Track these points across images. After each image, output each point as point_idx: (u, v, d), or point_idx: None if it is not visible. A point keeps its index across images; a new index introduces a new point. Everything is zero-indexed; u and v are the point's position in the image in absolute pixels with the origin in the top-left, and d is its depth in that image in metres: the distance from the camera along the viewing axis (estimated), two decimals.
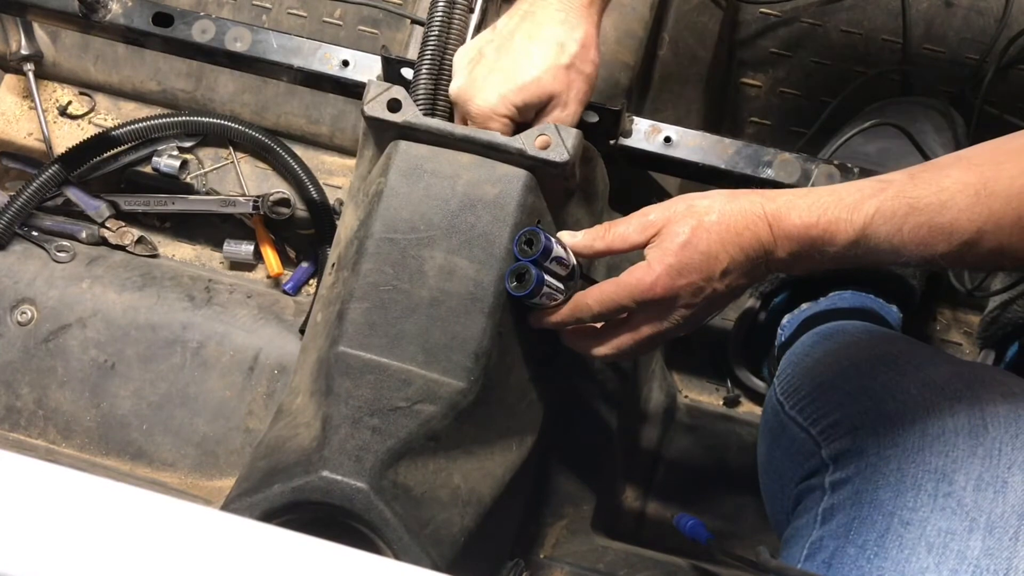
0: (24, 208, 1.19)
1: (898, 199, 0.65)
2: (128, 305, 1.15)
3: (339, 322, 0.74)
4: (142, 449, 1.11)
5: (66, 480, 0.29)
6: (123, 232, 1.24)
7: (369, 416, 0.70)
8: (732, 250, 0.69)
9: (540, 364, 0.84)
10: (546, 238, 0.73)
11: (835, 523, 0.68)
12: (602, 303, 0.73)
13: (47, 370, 1.13)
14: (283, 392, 1.11)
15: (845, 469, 0.70)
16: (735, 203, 0.70)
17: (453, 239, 0.75)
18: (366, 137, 0.83)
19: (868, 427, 0.70)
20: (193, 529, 0.28)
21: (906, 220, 0.64)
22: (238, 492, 0.69)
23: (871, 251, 0.66)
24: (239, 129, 1.25)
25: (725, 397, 1.20)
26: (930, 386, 0.69)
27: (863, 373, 0.76)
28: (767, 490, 0.85)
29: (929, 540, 0.62)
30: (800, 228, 0.67)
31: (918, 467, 0.65)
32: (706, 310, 0.73)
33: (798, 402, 0.79)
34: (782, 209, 0.69)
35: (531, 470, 0.83)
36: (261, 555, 0.27)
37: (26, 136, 1.33)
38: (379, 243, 0.75)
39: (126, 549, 0.27)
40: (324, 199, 1.24)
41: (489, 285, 0.74)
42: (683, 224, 0.70)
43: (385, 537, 0.66)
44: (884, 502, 0.65)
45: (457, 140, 0.78)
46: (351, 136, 1.27)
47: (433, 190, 0.76)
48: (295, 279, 1.25)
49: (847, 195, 0.67)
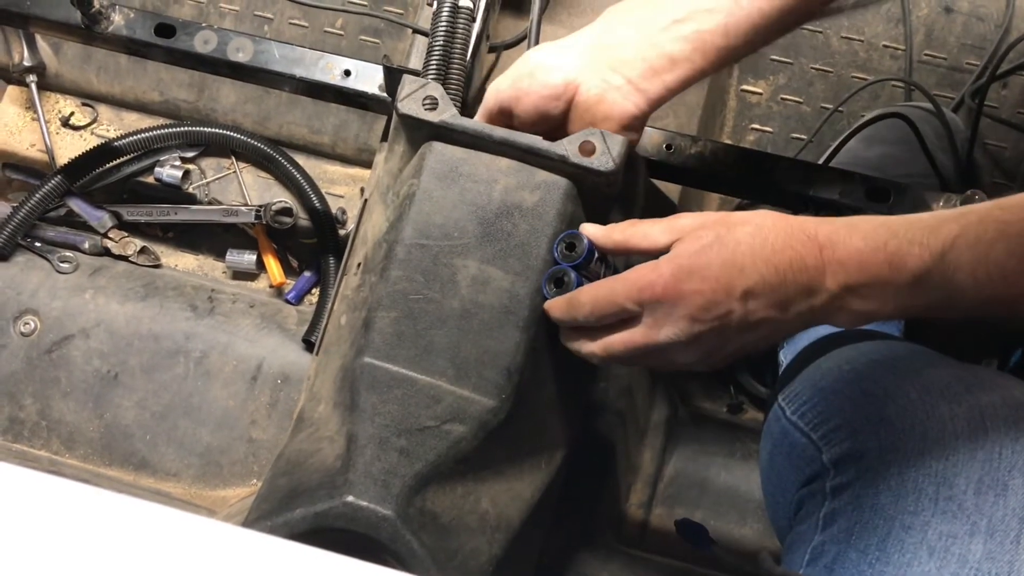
0: (27, 219, 1.20)
1: (984, 223, 0.57)
2: (131, 315, 1.15)
3: (365, 331, 0.71)
4: (146, 459, 1.11)
5: (78, 495, 0.29)
6: (126, 242, 1.24)
7: (396, 436, 0.67)
8: (763, 268, 0.60)
9: (573, 378, 0.80)
10: (588, 242, 0.70)
11: (836, 528, 0.67)
12: (596, 300, 0.66)
13: (50, 381, 1.13)
14: (286, 402, 1.11)
15: (846, 473, 0.68)
16: (782, 220, 0.61)
17: (488, 248, 0.71)
18: (397, 132, 0.80)
19: (868, 431, 0.68)
20: (222, 550, 0.28)
21: (993, 247, 0.56)
22: (258, 514, 0.67)
23: (948, 286, 0.57)
24: (241, 139, 1.25)
25: (729, 404, 1.20)
26: (930, 389, 0.68)
27: (863, 377, 0.74)
28: (769, 495, 0.84)
29: (930, 544, 0.61)
30: (862, 250, 0.58)
31: (918, 471, 0.64)
32: (715, 337, 0.62)
33: (799, 407, 0.77)
34: (840, 231, 0.59)
35: (558, 487, 0.81)
36: (288, 573, 0.27)
37: (29, 147, 1.33)
38: (410, 249, 0.71)
39: (142, 567, 0.27)
40: (327, 208, 1.24)
41: (524, 298, 0.70)
42: (711, 230, 0.62)
43: (411, 569, 0.63)
44: (885, 506, 0.64)
45: (495, 143, 0.74)
46: (353, 145, 1.28)
47: (468, 195, 0.72)
48: (297, 288, 1.25)
49: (923, 218, 0.58)
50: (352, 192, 1.28)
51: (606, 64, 0.74)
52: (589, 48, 0.75)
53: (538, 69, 0.75)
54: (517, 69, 0.77)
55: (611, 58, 0.74)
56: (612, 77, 0.74)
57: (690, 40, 0.73)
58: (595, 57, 0.75)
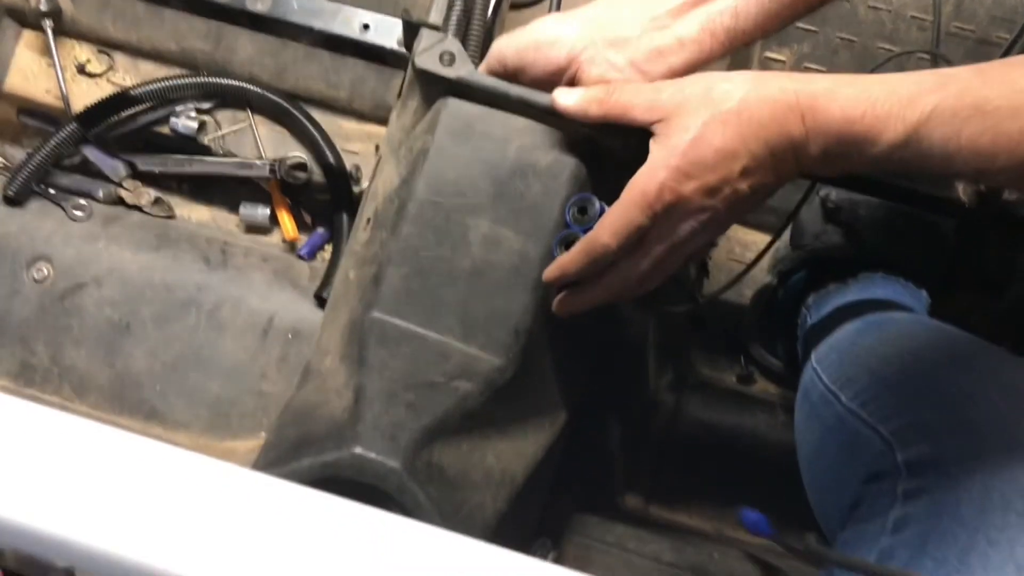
0: (42, 165, 1.19)
1: (962, 98, 0.57)
2: (144, 265, 1.15)
3: (375, 286, 0.71)
4: (155, 409, 1.12)
5: (93, 433, 0.29)
6: (140, 192, 1.24)
7: (404, 391, 0.68)
8: (753, 145, 0.61)
9: (580, 341, 0.81)
10: (600, 206, 0.70)
11: (909, 533, 0.64)
12: (616, 231, 0.64)
13: (62, 328, 1.14)
14: (297, 357, 1.12)
15: (922, 478, 0.65)
16: (761, 88, 0.61)
17: (500, 208, 0.71)
18: (412, 87, 0.79)
19: (948, 434, 0.65)
20: (234, 491, 0.28)
21: (968, 123, 0.56)
22: (265, 462, 0.68)
23: (919, 156, 0.58)
24: (257, 92, 1.24)
25: (739, 374, 1.20)
26: (1014, 392, 0.65)
27: (931, 373, 0.71)
28: (814, 480, 0.81)
29: (1018, 562, 0.58)
30: (841, 122, 0.59)
31: (1006, 483, 0.61)
32: (728, 212, 0.64)
33: (857, 395, 0.74)
34: (820, 98, 0.60)
35: (561, 449, 0.82)
36: (301, 516, 0.27)
37: (44, 93, 1.32)
38: (422, 206, 0.71)
39: (153, 504, 0.27)
40: (341, 165, 1.23)
41: (535, 259, 0.71)
42: (695, 115, 0.62)
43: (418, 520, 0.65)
44: (967, 517, 0.61)
45: (512, 101, 0.73)
46: (370, 101, 1.26)
47: (482, 153, 0.72)
48: (310, 244, 1.25)
49: (902, 87, 0.59)
50: (367, 149, 1.27)
51: (610, 43, 0.72)
52: (594, 25, 0.73)
53: (543, 42, 0.74)
54: (522, 38, 0.75)
55: (616, 36, 0.72)
56: (616, 57, 0.72)
57: (699, 20, 0.70)
58: (599, 35, 0.73)
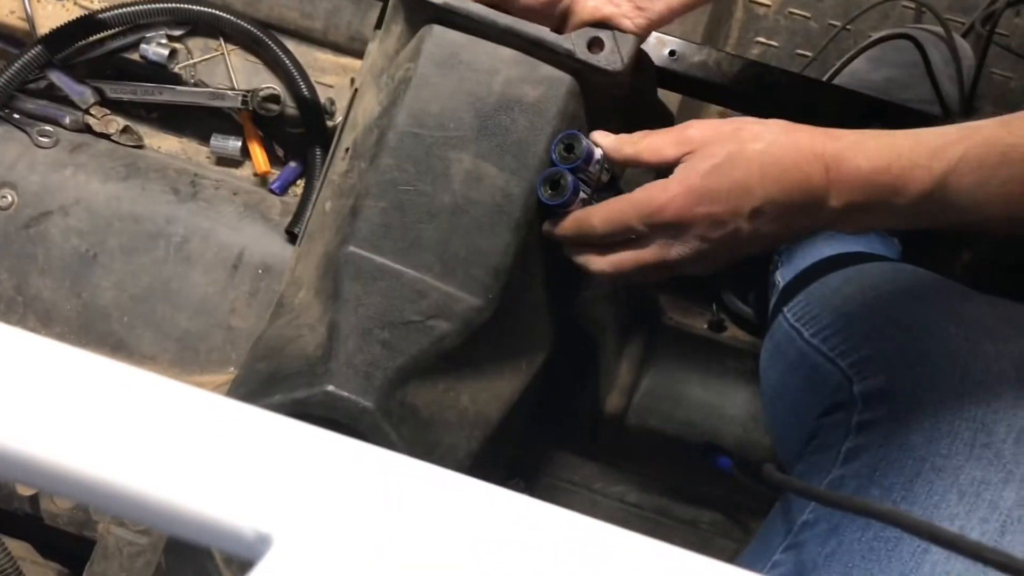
0: (5, 89, 1.15)
1: (988, 147, 0.56)
2: (112, 195, 1.13)
3: (352, 219, 0.69)
4: (122, 341, 1.10)
5: (63, 356, 0.28)
6: (108, 120, 1.21)
7: (379, 329, 0.67)
8: (771, 187, 0.60)
9: (559, 283, 0.79)
10: (587, 144, 0.68)
11: (859, 463, 0.65)
12: (608, 221, 0.65)
13: (27, 256, 1.11)
14: (267, 292, 1.10)
15: (876, 410, 0.66)
16: (791, 135, 0.61)
17: (484, 143, 0.69)
18: (395, 11, 0.76)
19: (903, 366, 0.66)
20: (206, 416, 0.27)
21: (996, 172, 0.56)
22: (236, 396, 0.67)
23: (946, 206, 0.58)
24: (230, 20, 1.20)
25: (710, 321, 1.20)
26: (972, 326, 0.65)
27: (891, 305, 0.71)
28: (776, 417, 0.82)
29: (961, 488, 0.59)
30: (867, 172, 0.58)
31: (955, 414, 0.61)
32: (724, 250, 0.64)
33: (820, 330, 0.74)
34: (847, 150, 0.59)
35: (537, 389, 0.81)
36: (273, 442, 0.26)
37: (8, 14, 1.28)
38: (402, 137, 0.69)
39: (124, 427, 0.27)
40: (315, 98, 1.21)
41: (518, 197, 0.69)
42: (722, 147, 0.62)
43: None
44: (915, 446, 0.62)
45: (500, 31, 0.70)
46: (345, 33, 1.24)
47: (467, 85, 0.69)
48: (282, 178, 1.22)
49: (928, 139, 0.58)
50: (342, 82, 1.25)
51: None
52: None
53: None
54: None
55: None
56: None
57: None
58: None
